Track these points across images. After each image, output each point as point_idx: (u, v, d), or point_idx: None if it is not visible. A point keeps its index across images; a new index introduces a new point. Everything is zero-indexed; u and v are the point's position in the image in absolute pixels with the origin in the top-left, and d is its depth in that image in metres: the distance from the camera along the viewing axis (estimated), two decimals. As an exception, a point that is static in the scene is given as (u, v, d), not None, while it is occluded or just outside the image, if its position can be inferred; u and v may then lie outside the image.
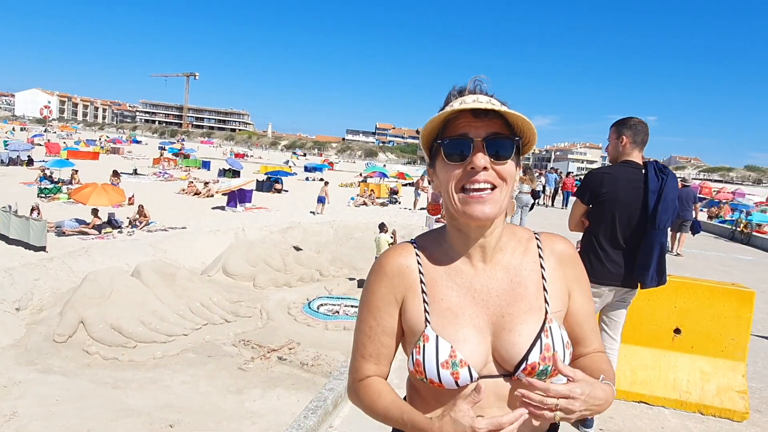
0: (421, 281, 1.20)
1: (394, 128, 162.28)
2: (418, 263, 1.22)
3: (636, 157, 3.20)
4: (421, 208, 25.42)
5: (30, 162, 33.71)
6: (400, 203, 28.14)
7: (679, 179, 3.36)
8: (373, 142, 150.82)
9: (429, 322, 1.16)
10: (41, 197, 21.24)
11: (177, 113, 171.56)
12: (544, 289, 1.18)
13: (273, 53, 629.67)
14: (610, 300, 3.29)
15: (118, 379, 7.77)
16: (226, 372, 8.30)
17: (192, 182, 28.52)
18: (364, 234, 17.09)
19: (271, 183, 30.69)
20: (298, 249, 15.20)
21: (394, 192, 30.26)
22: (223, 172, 37.94)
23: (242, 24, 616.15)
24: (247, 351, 9.14)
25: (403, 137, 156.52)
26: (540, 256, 1.22)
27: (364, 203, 26.82)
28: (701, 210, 26.59)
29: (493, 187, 1.09)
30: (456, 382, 1.11)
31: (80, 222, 16.31)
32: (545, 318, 1.15)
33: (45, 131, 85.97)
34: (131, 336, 9.14)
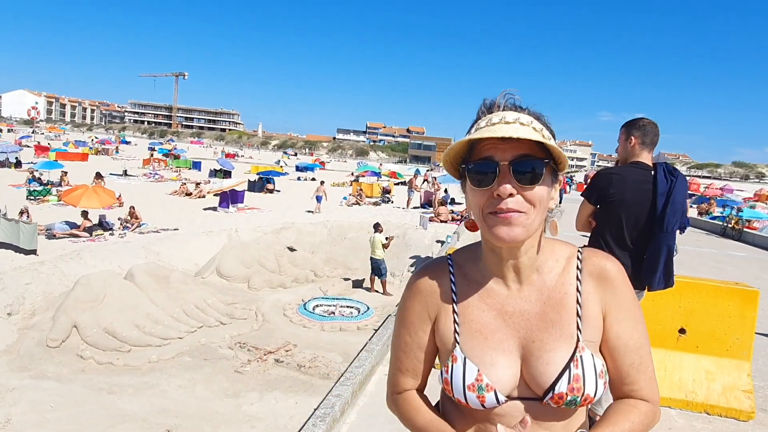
0: (454, 300, 1.18)
1: (384, 127, 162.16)
2: (452, 281, 1.20)
3: (645, 158, 3.16)
4: (414, 207, 25.47)
5: (18, 164, 33.40)
6: (392, 202, 28.13)
7: None
8: (364, 141, 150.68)
9: (458, 343, 1.15)
10: (30, 200, 21.00)
11: (166, 113, 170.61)
12: (578, 315, 1.12)
13: (263, 53, 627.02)
14: None
15: (113, 384, 7.66)
16: (222, 375, 8.21)
17: (184, 183, 28.35)
18: (358, 234, 17.04)
19: (263, 183, 30.56)
20: (292, 249, 15.12)
21: (386, 191, 30.25)
22: (214, 173, 37.81)
23: (232, 24, 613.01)
24: (243, 353, 9.06)
25: (393, 136, 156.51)
26: (578, 277, 1.15)
27: (357, 203, 26.77)
28: (691, 206, 26.79)
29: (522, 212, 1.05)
30: (482, 405, 1.10)
31: (71, 225, 16.12)
32: (576, 347, 1.10)
33: (33, 132, 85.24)
34: (125, 340, 9.03)
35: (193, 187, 27.09)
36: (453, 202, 25.94)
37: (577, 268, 1.16)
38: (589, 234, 3.37)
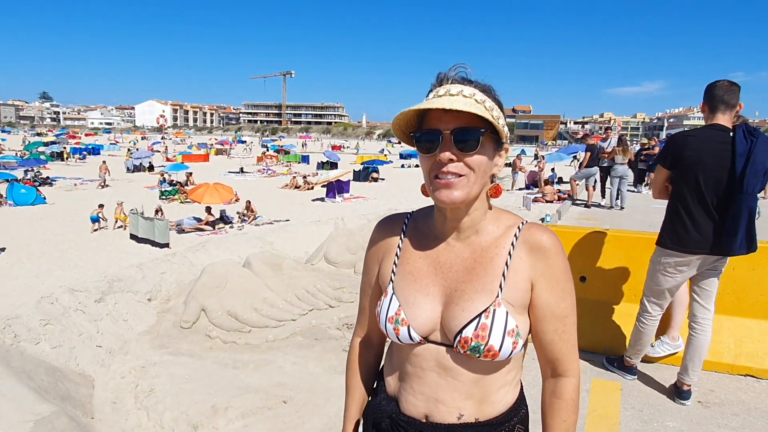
0: (399, 247, 1.34)
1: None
2: (403, 231, 1.36)
3: (720, 120, 3.03)
4: (519, 189, 24.89)
5: (151, 168, 36.96)
6: (496, 184, 27.65)
7: None
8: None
9: (392, 281, 1.30)
10: (163, 199, 23.32)
11: (276, 111, 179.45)
12: (503, 275, 1.20)
13: (364, 45, 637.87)
14: (700, 269, 3.18)
15: (237, 360, 8.50)
16: (332, 354, 8.78)
17: (294, 177, 29.90)
18: (460, 217, 17.07)
19: (368, 172, 31.37)
20: (395, 235, 15.53)
21: (489, 174, 29.76)
22: (321, 165, 39.36)
23: (333, 19, 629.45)
24: (350, 334, 9.58)
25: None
26: (512, 243, 1.22)
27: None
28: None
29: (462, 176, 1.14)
30: (397, 337, 1.24)
31: (197, 219, 17.77)
32: (494, 301, 1.18)
33: (162, 139, 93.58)
34: (246, 322, 9.92)
35: (302, 180, 28.51)
36: (561, 181, 24.94)
37: (515, 236, 1.23)
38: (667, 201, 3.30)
